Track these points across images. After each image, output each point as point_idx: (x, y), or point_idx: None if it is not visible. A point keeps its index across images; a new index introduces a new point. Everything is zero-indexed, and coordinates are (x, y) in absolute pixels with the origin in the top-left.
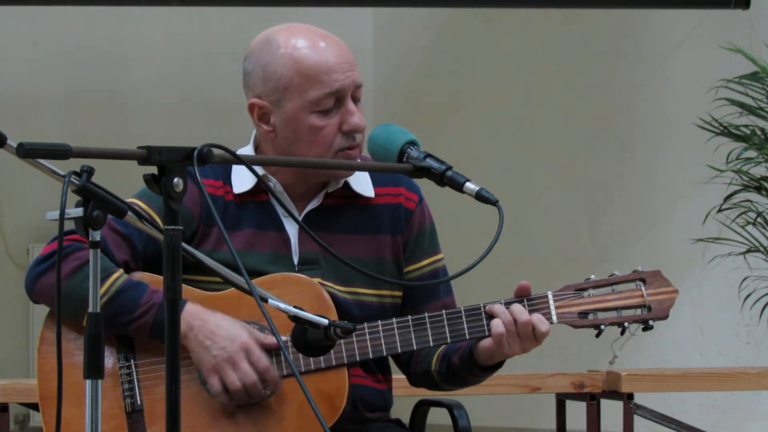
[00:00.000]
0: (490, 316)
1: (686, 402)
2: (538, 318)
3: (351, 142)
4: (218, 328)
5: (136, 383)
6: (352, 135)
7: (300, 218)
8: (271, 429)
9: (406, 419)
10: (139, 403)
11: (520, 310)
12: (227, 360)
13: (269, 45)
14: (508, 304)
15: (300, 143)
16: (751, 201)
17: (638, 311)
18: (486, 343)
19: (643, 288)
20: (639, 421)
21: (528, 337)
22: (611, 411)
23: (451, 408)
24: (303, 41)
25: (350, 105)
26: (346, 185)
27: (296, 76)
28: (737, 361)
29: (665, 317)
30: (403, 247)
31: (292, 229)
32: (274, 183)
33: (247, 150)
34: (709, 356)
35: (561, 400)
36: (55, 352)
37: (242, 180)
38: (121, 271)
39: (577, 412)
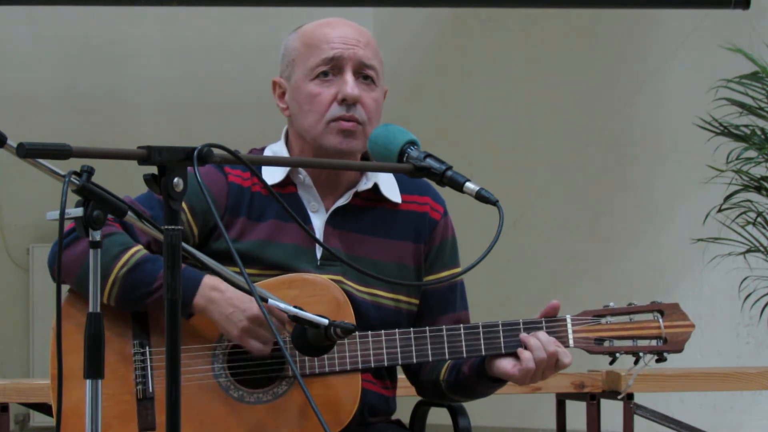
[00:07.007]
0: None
1: (686, 402)
2: (563, 352)
3: (344, 113)
4: (235, 293)
5: (149, 370)
6: (346, 105)
7: (327, 214)
8: (281, 425)
9: (406, 419)
10: (150, 390)
11: (547, 341)
12: (252, 319)
13: (295, 30)
14: (527, 327)
15: (301, 113)
16: (751, 201)
17: (654, 342)
18: (507, 369)
19: (660, 320)
20: (639, 421)
21: (550, 366)
22: (611, 411)
23: (451, 408)
24: (318, 21)
25: (347, 76)
26: (375, 187)
27: (301, 47)
28: (737, 361)
29: (680, 350)
30: (425, 257)
31: (318, 224)
32: (303, 176)
33: (279, 144)
34: (709, 356)
35: (561, 400)
36: (69, 330)
37: (272, 172)
38: (141, 246)
39: (577, 412)
